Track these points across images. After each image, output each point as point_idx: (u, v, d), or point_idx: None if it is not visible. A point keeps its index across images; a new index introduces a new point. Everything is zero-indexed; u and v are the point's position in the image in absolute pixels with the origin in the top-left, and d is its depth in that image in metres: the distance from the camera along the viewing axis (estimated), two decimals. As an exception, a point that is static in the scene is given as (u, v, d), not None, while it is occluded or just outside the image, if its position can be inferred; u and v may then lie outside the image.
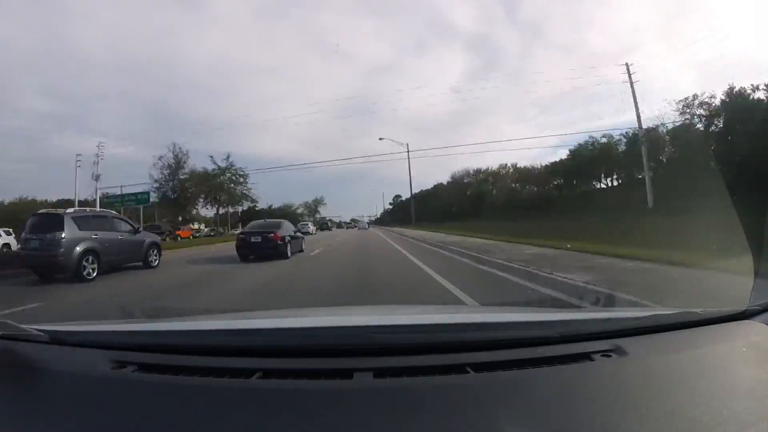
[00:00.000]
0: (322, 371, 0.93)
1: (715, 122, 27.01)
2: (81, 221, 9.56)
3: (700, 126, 27.44)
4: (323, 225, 62.63)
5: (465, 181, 56.56)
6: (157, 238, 12.96)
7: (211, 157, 43.31)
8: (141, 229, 12.32)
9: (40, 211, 11.08)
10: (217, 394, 0.87)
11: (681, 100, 28.23)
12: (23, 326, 1.14)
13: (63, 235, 8.98)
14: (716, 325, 1.16)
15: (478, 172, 55.49)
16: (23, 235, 9.78)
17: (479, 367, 0.93)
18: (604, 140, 41.01)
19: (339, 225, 75.67)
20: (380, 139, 44.77)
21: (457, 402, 0.81)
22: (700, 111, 27.35)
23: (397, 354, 1.01)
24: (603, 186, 44.63)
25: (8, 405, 0.90)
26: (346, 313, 2.15)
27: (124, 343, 1.16)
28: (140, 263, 11.05)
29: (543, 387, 0.86)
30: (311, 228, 41.31)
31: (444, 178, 65.46)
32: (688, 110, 27.75)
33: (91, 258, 9.23)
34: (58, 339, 1.15)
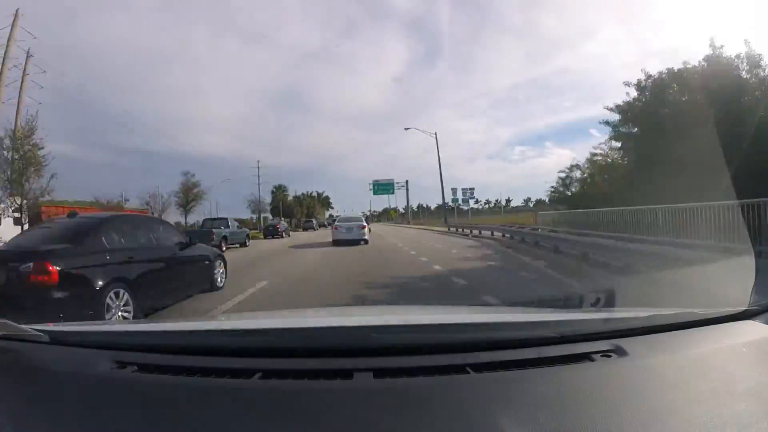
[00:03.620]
0: (322, 371, 0.93)
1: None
2: None
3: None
4: (306, 224, 52.92)
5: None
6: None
7: None
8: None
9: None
10: (217, 395, 0.87)
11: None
12: (23, 326, 1.14)
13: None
14: (716, 325, 1.16)
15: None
16: None
17: (479, 367, 0.93)
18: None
19: (322, 224, 65.98)
20: (406, 129, 40.14)
21: (457, 402, 0.81)
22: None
23: (397, 354, 1.01)
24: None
25: (8, 405, 0.89)
26: (346, 313, 2.16)
27: (125, 343, 1.16)
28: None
29: (543, 387, 0.86)
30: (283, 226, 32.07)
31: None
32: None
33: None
34: (58, 339, 1.15)
